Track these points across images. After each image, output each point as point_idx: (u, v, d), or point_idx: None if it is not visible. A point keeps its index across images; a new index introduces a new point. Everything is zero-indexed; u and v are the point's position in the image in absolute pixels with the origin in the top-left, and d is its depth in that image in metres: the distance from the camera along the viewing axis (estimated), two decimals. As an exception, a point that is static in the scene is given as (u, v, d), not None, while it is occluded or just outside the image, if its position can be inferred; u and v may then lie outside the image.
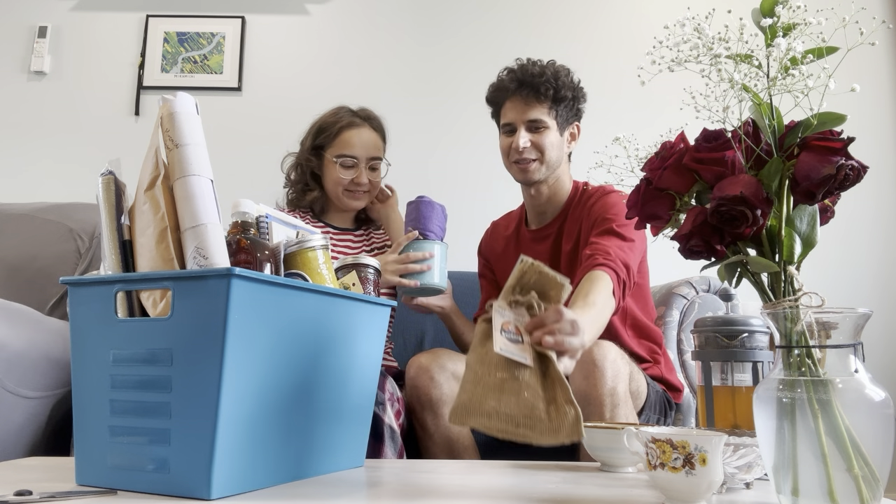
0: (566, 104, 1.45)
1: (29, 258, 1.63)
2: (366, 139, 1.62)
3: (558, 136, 1.47)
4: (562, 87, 1.43)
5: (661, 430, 0.80)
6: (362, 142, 1.62)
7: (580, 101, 1.49)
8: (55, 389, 1.27)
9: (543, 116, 1.44)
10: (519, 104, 1.45)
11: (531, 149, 1.45)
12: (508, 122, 1.48)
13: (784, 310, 0.71)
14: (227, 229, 0.88)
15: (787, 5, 0.75)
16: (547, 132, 1.45)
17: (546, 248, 1.54)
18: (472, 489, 0.82)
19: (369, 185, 1.64)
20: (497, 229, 1.70)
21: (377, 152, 1.64)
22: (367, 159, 1.62)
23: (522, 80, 1.44)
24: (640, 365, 1.44)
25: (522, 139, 1.44)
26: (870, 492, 0.65)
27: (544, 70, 1.43)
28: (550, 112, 1.44)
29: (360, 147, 1.61)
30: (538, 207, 1.56)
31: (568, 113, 1.46)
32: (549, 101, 1.43)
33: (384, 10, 2.52)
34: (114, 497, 0.74)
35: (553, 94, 1.42)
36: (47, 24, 2.47)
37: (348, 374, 0.95)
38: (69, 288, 0.83)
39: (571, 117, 1.49)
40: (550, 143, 1.45)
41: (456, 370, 1.37)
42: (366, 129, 1.64)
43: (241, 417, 0.75)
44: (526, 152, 1.45)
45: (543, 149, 1.45)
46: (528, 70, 1.45)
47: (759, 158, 0.75)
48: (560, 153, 1.48)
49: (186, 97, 0.87)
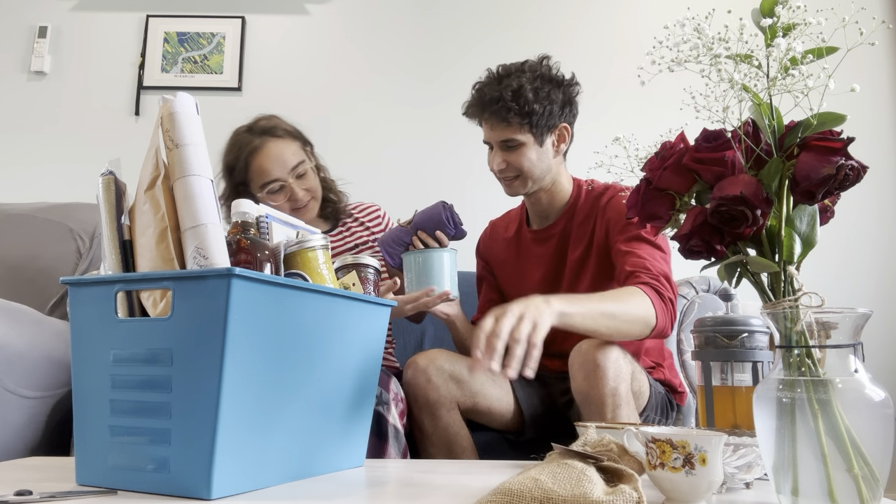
0: (539, 115, 1.36)
1: (29, 258, 1.63)
2: (276, 155, 1.49)
3: (537, 149, 1.40)
4: (526, 103, 1.34)
5: (661, 429, 0.80)
6: (274, 159, 1.49)
7: (559, 102, 1.39)
8: (55, 389, 1.27)
9: (515, 135, 1.37)
10: (488, 126, 1.41)
11: (508, 168, 1.41)
12: (485, 140, 1.45)
13: (784, 310, 0.71)
14: (227, 229, 0.88)
15: (787, 5, 0.75)
16: (523, 149, 1.39)
17: (549, 249, 1.52)
18: (473, 489, 0.82)
19: (307, 194, 1.53)
20: (496, 230, 1.67)
21: (295, 159, 1.51)
22: (289, 174, 1.50)
23: (483, 104, 1.38)
24: (647, 369, 1.43)
25: (497, 161, 1.41)
26: (870, 492, 0.65)
27: (502, 94, 1.35)
28: (522, 129, 1.37)
29: (277, 166, 1.49)
30: (539, 211, 1.54)
31: (545, 121, 1.37)
32: (517, 118, 1.35)
33: (384, 10, 2.52)
34: (114, 497, 0.74)
35: (517, 112, 1.35)
36: (47, 24, 2.47)
37: (348, 374, 0.95)
38: (69, 288, 0.83)
39: (552, 123, 1.39)
40: (528, 160, 1.40)
41: (453, 371, 1.36)
42: (270, 143, 1.51)
43: (241, 417, 0.75)
44: (503, 172, 1.42)
45: (521, 167, 1.40)
46: (487, 94, 1.38)
47: (759, 158, 0.75)
48: (544, 163, 1.42)
49: (186, 97, 0.87)
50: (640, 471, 0.81)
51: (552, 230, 1.52)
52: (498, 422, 1.44)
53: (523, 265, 1.56)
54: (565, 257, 1.49)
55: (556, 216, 1.52)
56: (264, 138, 1.51)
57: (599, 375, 1.19)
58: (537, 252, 1.54)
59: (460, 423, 1.36)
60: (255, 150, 1.50)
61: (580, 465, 0.71)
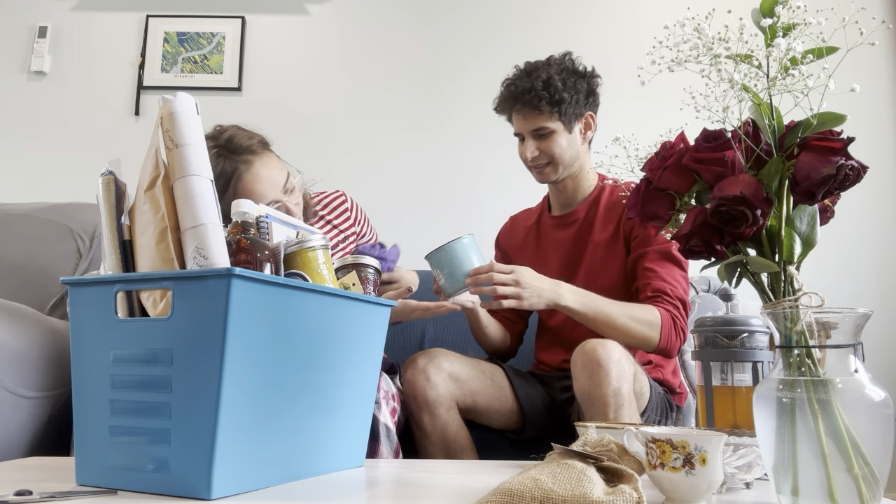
0: (567, 103, 1.46)
1: (29, 258, 1.62)
2: (266, 177, 1.37)
3: (567, 136, 1.49)
4: (556, 91, 1.44)
5: (661, 429, 0.80)
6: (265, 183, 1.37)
7: (584, 91, 1.49)
8: (55, 389, 1.27)
9: (545, 123, 1.47)
10: (520, 117, 1.50)
11: (541, 155, 1.50)
12: (517, 132, 1.54)
13: (784, 310, 0.71)
14: (228, 229, 0.88)
15: (787, 5, 0.75)
16: (553, 136, 1.48)
17: (569, 234, 1.57)
18: (473, 489, 0.82)
19: (298, 207, 1.45)
20: (516, 222, 1.73)
21: (283, 175, 1.40)
22: (282, 192, 1.40)
23: (515, 96, 1.48)
24: (644, 365, 1.44)
25: (530, 150, 1.49)
26: (870, 492, 0.65)
27: (533, 84, 1.45)
28: (552, 116, 1.46)
29: (270, 188, 1.37)
30: (564, 198, 1.60)
31: (573, 109, 1.48)
32: (548, 107, 1.45)
33: (384, 10, 2.52)
34: (114, 497, 0.74)
35: (548, 101, 1.44)
36: (47, 24, 2.47)
37: (348, 374, 0.95)
38: (69, 288, 0.83)
39: (579, 111, 1.50)
40: (559, 146, 1.48)
41: (452, 370, 1.36)
42: (256, 164, 1.37)
43: (241, 417, 0.75)
44: (536, 160, 1.50)
45: (552, 154, 1.49)
46: (519, 86, 1.47)
47: (759, 158, 0.75)
48: (574, 150, 1.51)
49: (186, 97, 0.87)
50: (640, 471, 0.81)
51: (574, 216, 1.57)
52: (497, 421, 1.44)
53: (543, 250, 1.61)
54: (587, 241, 1.54)
55: (579, 203, 1.58)
56: (247, 159, 1.37)
57: (602, 375, 1.19)
58: (557, 237, 1.59)
59: (460, 423, 1.36)
60: (241, 176, 1.36)
61: (580, 465, 0.71)
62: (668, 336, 1.35)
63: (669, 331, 1.35)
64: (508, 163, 2.38)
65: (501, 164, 2.35)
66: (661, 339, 1.34)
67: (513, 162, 2.43)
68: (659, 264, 1.41)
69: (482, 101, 2.51)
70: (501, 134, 2.45)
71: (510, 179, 2.24)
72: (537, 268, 1.56)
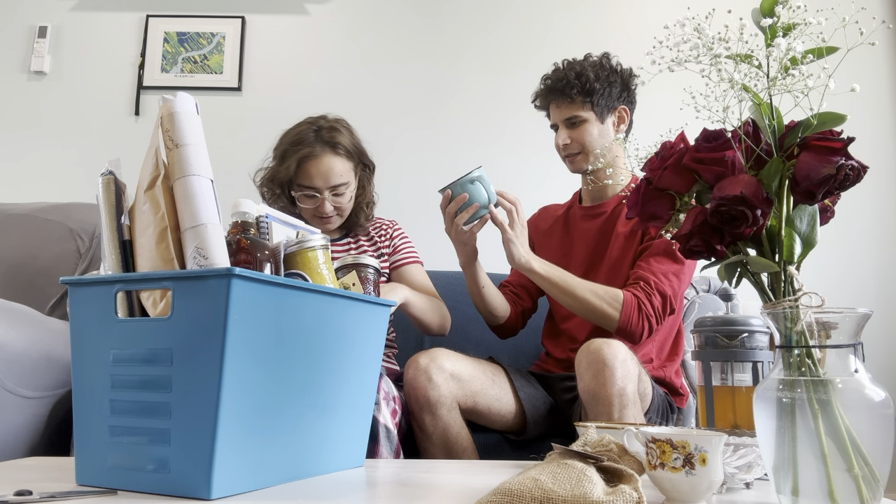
0: (600, 93, 1.53)
1: (29, 258, 1.63)
2: (325, 170, 1.53)
3: (599, 126, 1.55)
4: (588, 81, 1.52)
5: (661, 430, 0.80)
6: (321, 173, 1.53)
7: (618, 85, 1.55)
8: (55, 389, 1.27)
9: (578, 112, 1.54)
10: (554, 106, 1.59)
11: (572, 144, 1.55)
12: (553, 122, 1.61)
13: (784, 310, 0.71)
14: (227, 229, 0.88)
15: (787, 5, 0.75)
16: (585, 125, 1.54)
17: (596, 224, 1.59)
18: (473, 489, 0.82)
19: (336, 211, 1.58)
20: (547, 210, 1.77)
21: (339, 179, 1.55)
22: (328, 189, 1.55)
23: (552, 87, 1.57)
24: (646, 365, 1.44)
25: (562, 137, 1.56)
26: (870, 492, 0.65)
27: (566, 75, 1.54)
28: (585, 106, 1.53)
29: (320, 178, 1.53)
30: (595, 190, 1.63)
31: (606, 101, 1.54)
32: (580, 97, 1.53)
33: (384, 10, 2.52)
34: (114, 497, 0.74)
35: (580, 90, 1.52)
36: (47, 24, 2.47)
37: (348, 374, 0.95)
38: (69, 288, 0.83)
39: (612, 104, 1.55)
40: (590, 135, 1.54)
41: (454, 370, 1.36)
42: (326, 157, 1.54)
43: (241, 417, 0.75)
44: (568, 148, 1.56)
45: (583, 142, 1.54)
46: (554, 77, 1.57)
47: (759, 158, 0.75)
48: (605, 140, 1.55)
49: (186, 97, 0.87)
50: (640, 471, 0.81)
51: (603, 207, 1.61)
52: (499, 422, 1.44)
53: (570, 238, 1.65)
54: (611, 232, 1.56)
55: (609, 196, 1.62)
56: (325, 149, 1.55)
57: (608, 375, 1.19)
58: (584, 227, 1.62)
59: (461, 423, 1.36)
60: (309, 157, 1.53)
61: (580, 465, 0.71)
62: (629, 317, 1.36)
63: (631, 312, 1.36)
64: (509, 162, 2.38)
65: (501, 164, 2.35)
66: (620, 318, 1.36)
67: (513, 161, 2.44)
68: (654, 259, 1.44)
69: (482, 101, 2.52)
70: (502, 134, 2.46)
71: (510, 179, 2.24)
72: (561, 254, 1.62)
